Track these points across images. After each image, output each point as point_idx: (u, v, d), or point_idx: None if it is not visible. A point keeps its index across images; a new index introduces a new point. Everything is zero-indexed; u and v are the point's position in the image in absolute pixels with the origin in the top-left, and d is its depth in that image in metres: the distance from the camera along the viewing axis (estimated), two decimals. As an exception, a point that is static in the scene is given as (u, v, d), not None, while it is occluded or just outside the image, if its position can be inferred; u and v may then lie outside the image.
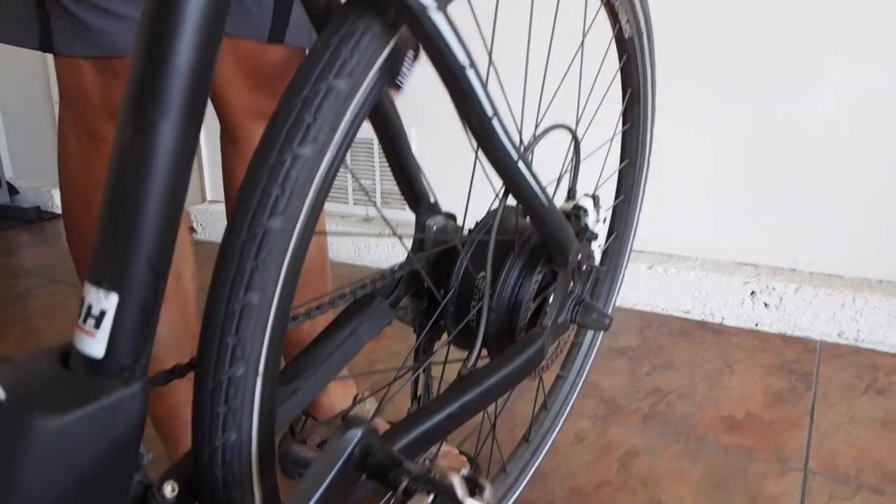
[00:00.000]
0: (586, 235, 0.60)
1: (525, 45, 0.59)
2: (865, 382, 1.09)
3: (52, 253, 1.98)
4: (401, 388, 0.62)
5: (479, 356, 0.58)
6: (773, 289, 1.26)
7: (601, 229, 0.63)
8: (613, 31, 0.70)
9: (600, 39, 0.70)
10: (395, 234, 0.67)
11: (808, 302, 1.23)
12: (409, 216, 0.61)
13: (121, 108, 0.31)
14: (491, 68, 0.49)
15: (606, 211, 0.84)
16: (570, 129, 0.61)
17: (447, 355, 0.61)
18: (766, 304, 1.27)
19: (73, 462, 0.28)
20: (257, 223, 0.36)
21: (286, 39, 0.73)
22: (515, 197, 0.51)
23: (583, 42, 0.65)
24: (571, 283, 0.60)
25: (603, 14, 0.69)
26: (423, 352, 0.63)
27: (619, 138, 0.81)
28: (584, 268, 0.60)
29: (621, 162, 0.83)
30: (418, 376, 0.62)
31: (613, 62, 0.73)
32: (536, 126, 0.59)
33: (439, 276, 0.61)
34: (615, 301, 0.90)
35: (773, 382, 1.10)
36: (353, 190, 1.79)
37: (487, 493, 0.35)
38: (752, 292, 1.28)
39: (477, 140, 0.46)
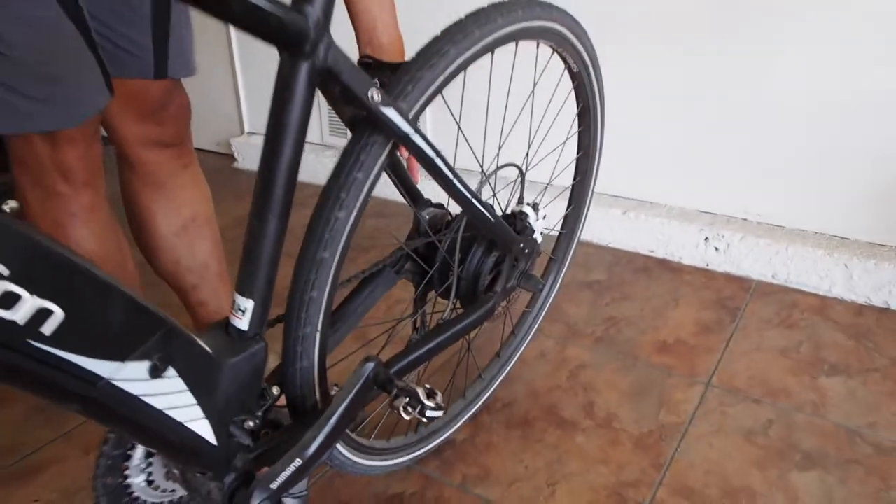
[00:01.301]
0: (527, 231, 0.90)
1: (489, 92, 0.87)
2: (781, 318, 1.40)
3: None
4: (400, 328, 0.96)
5: (453, 309, 0.90)
6: (723, 236, 1.55)
7: (543, 223, 0.93)
8: (565, 67, 0.96)
9: (557, 73, 0.96)
10: (396, 239, 0.97)
11: (750, 248, 1.52)
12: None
13: (251, 207, 0.62)
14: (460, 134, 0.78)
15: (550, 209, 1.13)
16: (516, 165, 0.89)
17: (434, 306, 0.94)
18: (716, 248, 1.56)
19: (240, 379, 0.62)
20: (314, 253, 0.68)
21: (168, 74, 0.89)
22: (470, 219, 0.81)
23: (535, 82, 0.92)
24: (517, 262, 0.91)
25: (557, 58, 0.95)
26: (419, 300, 0.96)
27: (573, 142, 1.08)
28: (526, 251, 0.91)
29: (578, 153, 1.10)
30: (416, 318, 0.95)
31: (568, 85, 1.00)
32: (497, 157, 0.88)
33: (431, 252, 0.92)
34: (570, 256, 1.21)
35: (706, 315, 1.42)
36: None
37: (439, 397, 0.69)
38: (706, 238, 1.57)
39: (442, 187, 0.76)
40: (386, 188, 0.98)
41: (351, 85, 0.61)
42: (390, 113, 0.64)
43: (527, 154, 0.90)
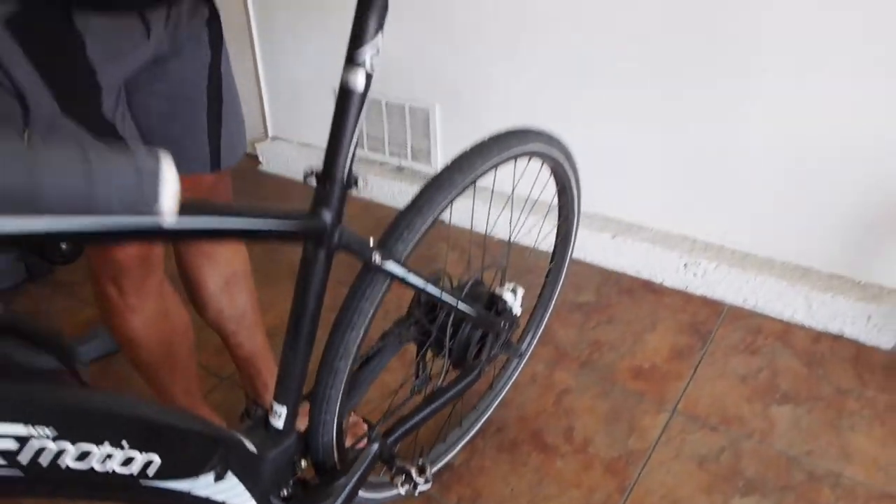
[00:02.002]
0: (507, 311, 1.08)
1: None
2: (746, 343, 1.58)
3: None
4: (395, 381, 1.15)
5: (446, 376, 1.10)
6: (700, 263, 1.71)
7: (519, 302, 1.11)
8: (548, 169, 1.12)
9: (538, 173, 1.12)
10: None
11: (724, 275, 1.69)
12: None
13: (286, 336, 0.81)
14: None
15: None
16: (500, 269, 1.07)
17: (432, 366, 1.14)
18: (694, 274, 1.73)
19: (279, 465, 0.83)
20: (333, 362, 0.87)
21: (221, 166, 1.03)
22: (455, 317, 1.00)
23: (513, 190, 1.08)
24: (498, 336, 1.10)
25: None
26: (420, 361, 1.15)
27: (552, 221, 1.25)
28: (506, 326, 1.09)
29: (558, 219, 1.27)
30: (417, 379, 1.15)
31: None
32: (483, 268, 1.06)
33: (431, 321, 1.11)
34: (552, 306, 1.39)
35: (680, 340, 1.61)
36: (388, 143, 2.22)
37: (429, 472, 0.90)
38: (685, 264, 1.73)
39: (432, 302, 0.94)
40: (403, 198, 1.15)
41: (358, 252, 0.79)
42: (389, 265, 0.82)
43: (508, 250, 1.07)
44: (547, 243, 1.36)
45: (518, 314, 1.12)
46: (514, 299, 1.09)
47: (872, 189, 1.48)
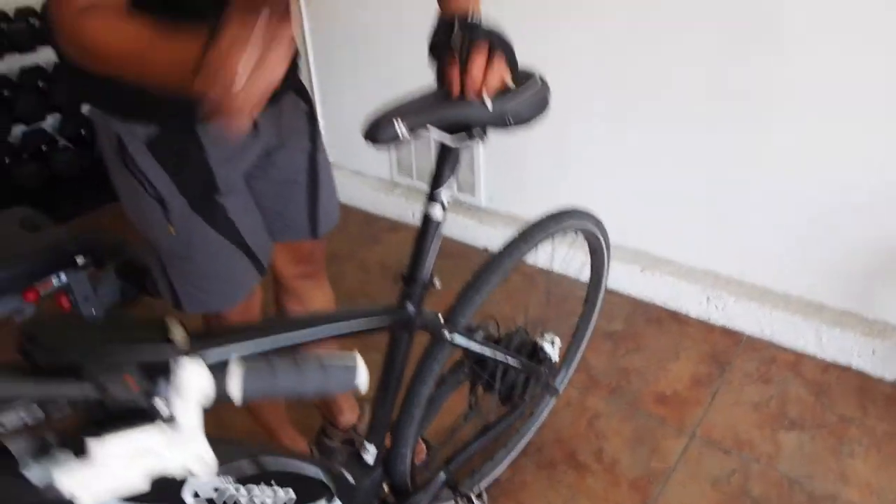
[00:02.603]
0: (546, 359, 1.31)
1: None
2: (760, 373, 1.78)
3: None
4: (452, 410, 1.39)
5: (497, 412, 1.34)
6: (721, 296, 1.91)
7: (557, 350, 1.34)
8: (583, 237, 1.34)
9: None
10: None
11: (743, 308, 1.88)
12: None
13: (374, 398, 1.06)
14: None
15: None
16: (541, 323, 1.29)
17: (483, 399, 1.37)
18: (716, 306, 1.93)
19: (368, 493, 1.08)
20: (410, 410, 1.11)
21: (318, 234, 1.25)
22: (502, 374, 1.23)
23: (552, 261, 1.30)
24: (539, 377, 1.33)
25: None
26: (473, 396, 1.39)
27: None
28: (545, 370, 1.32)
29: (591, 274, 1.49)
30: (471, 411, 1.38)
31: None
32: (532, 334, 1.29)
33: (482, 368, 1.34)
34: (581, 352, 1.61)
35: (700, 368, 1.81)
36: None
37: (485, 498, 1.14)
38: (708, 297, 1.93)
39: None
40: (448, 227, 1.34)
41: (432, 331, 1.02)
42: (456, 338, 1.06)
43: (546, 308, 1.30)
44: (576, 269, 1.57)
45: (556, 361, 1.35)
46: (552, 349, 1.31)
47: (882, 233, 1.65)
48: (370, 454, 1.08)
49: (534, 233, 1.18)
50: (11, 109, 2.64)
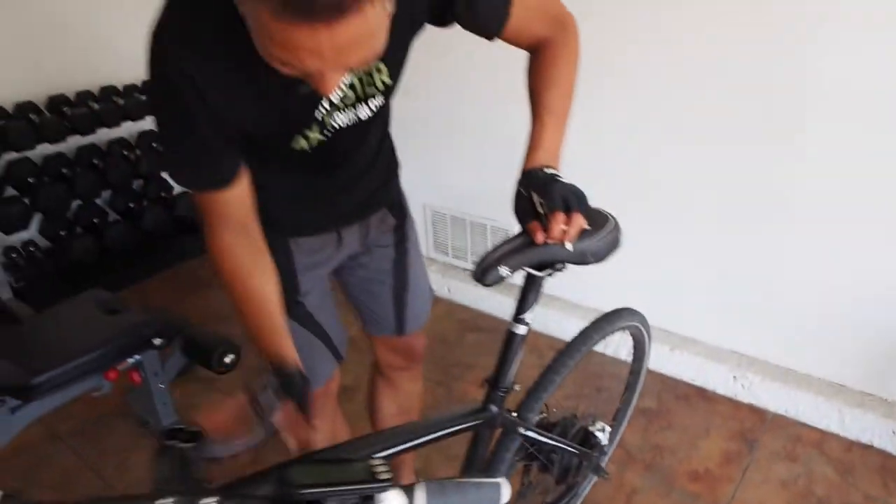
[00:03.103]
0: (597, 445, 1.45)
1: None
2: (787, 451, 1.91)
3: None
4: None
5: (553, 492, 1.47)
6: (747, 376, 2.06)
7: (607, 435, 1.48)
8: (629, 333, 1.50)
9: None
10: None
11: (767, 387, 2.03)
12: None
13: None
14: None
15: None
16: (592, 417, 1.44)
17: (531, 481, 1.51)
18: (742, 386, 2.07)
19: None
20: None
21: (406, 332, 1.40)
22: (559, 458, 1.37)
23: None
24: (591, 461, 1.47)
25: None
26: (527, 481, 1.52)
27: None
28: (596, 454, 1.47)
29: (632, 364, 1.64)
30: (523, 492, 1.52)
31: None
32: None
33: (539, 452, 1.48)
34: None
35: (730, 446, 1.95)
36: (470, 254, 2.63)
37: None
38: (734, 377, 2.08)
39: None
40: (483, 302, 1.44)
41: (509, 427, 1.18)
42: (526, 432, 1.21)
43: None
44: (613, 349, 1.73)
45: (606, 445, 1.49)
46: (603, 435, 1.46)
47: (886, 335, 1.81)
48: None
49: (591, 334, 1.34)
50: (72, 187, 2.84)
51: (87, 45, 3.00)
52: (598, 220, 1.03)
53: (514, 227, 1.00)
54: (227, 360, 2.03)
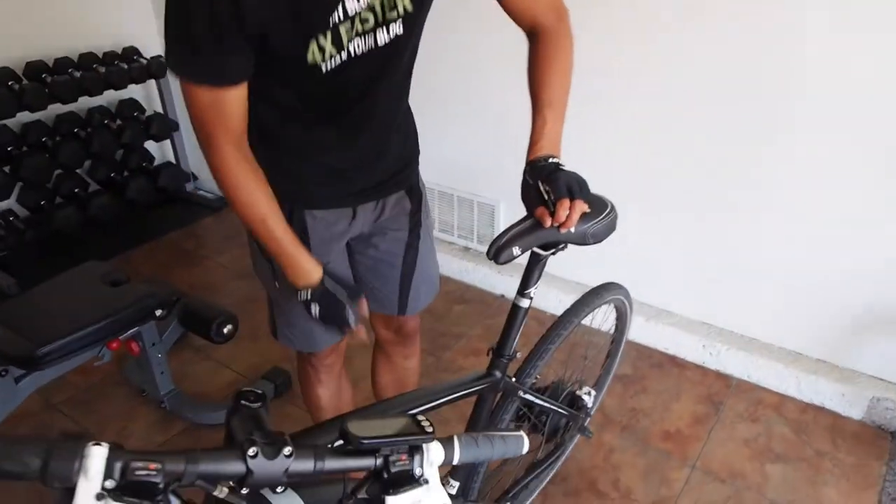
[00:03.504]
0: (584, 406, 1.60)
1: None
2: (749, 413, 2.10)
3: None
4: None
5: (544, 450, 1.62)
6: (715, 345, 2.24)
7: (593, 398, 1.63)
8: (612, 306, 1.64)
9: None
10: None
11: (733, 356, 2.21)
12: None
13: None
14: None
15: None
16: (580, 380, 1.59)
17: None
18: (710, 354, 2.25)
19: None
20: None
21: (407, 313, 1.47)
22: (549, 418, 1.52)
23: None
24: (577, 421, 1.62)
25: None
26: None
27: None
28: (582, 416, 1.61)
29: (614, 333, 1.79)
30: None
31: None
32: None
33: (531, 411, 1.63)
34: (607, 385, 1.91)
35: (699, 408, 2.13)
36: (457, 228, 2.74)
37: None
38: (703, 345, 2.26)
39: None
40: (468, 275, 1.56)
41: (509, 390, 1.31)
42: (525, 394, 1.34)
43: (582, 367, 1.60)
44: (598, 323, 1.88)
45: (590, 408, 1.64)
46: (589, 399, 1.61)
47: (853, 295, 1.99)
48: (453, 488, 1.35)
49: (581, 308, 1.47)
50: (54, 156, 2.85)
51: (64, 10, 2.97)
52: (598, 205, 1.15)
53: (500, 204, 1.11)
54: (226, 330, 2.11)
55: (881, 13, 1.67)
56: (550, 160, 1.11)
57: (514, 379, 1.35)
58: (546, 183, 1.08)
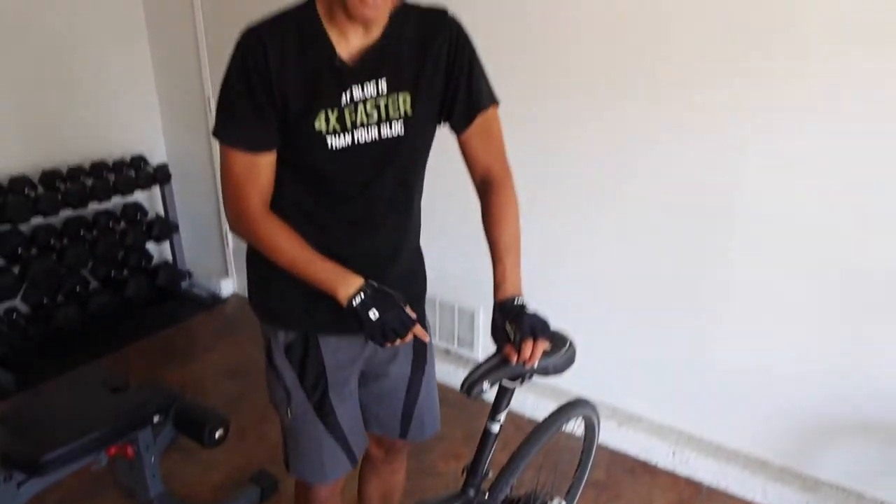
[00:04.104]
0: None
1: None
2: (718, 520, 2.21)
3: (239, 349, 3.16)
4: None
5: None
6: (684, 452, 2.36)
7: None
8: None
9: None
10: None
11: (702, 463, 2.33)
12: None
13: None
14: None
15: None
16: (550, 488, 1.71)
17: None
18: (680, 460, 2.37)
19: None
20: None
21: (409, 438, 1.57)
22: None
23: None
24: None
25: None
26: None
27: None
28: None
29: (583, 445, 1.92)
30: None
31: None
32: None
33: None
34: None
35: (669, 515, 2.23)
36: (439, 330, 2.90)
37: None
38: (674, 452, 2.38)
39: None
40: (449, 377, 1.67)
41: (483, 507, 1.43)
42: (498, 510, 1.46)
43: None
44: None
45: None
46: (560, 508, 1.73)
47: (814, 405, 2.14)
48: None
49: (550, 425, 1.61)
50: (61, 258, 3.02)
51: (81, 121, 3.22)
52: (558, 342, 1.32)
53: (479, 309, 1.27)
54: (217, 434, 2.22)
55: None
56: (516, 301, 1.28)
57: (487, 495, 1.47)
58: (512, 324, 1.25)
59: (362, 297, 1.22)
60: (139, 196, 3.41)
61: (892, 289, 1.91)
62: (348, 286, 1.23)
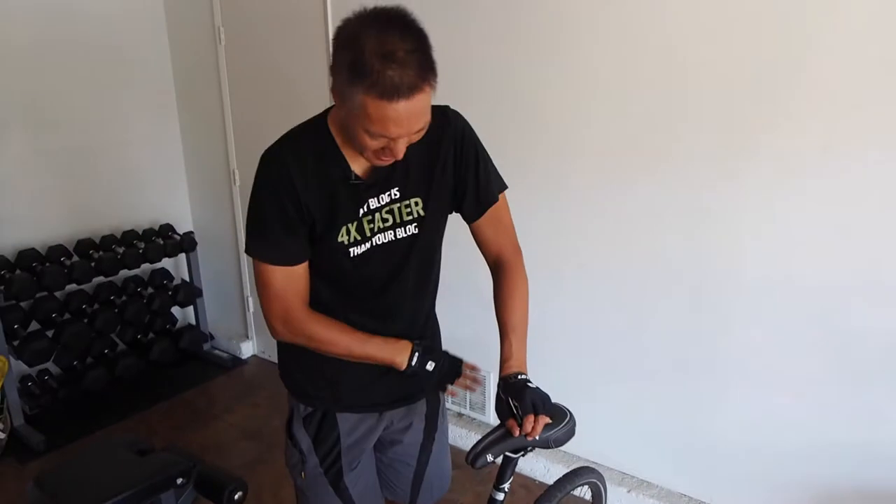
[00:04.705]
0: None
1: None
2: (726, 587, 2.24)
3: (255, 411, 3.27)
4: None
5: None
6: (690, 518, 2.41)
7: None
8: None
9: (578, 487, 1.87)
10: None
11: (710, 529, 2.38)
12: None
13: None
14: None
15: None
16: None
17: None
18: (686, 526, 2.42)
19: None
20: None
21: (418, 502, 1.63)
22: None
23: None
24: None
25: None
26: None
27: None
28: None
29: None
30: None
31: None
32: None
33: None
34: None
35: (678, 582, 2.26)
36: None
37: None
38: (680, 518, 2.43)
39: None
40: (461, 440, 1.84)
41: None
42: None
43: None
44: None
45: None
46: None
47: (813, 474, 2.19)
48: None
49: (555, 493, 1.70)
50: (92, 323, 3.18)
51: (115, 193, 3.44)
52: (559, 415, 1.43)
53: (490, 374, 1.38)
54: (237, 497, 2.32)
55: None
56: (519, 377, 1.40)
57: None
58: (515, 399, 1.36)
59: (417, 356, 1.37)
60: (166, 262, 3.59)
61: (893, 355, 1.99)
62: (402, 353, 1.37)
